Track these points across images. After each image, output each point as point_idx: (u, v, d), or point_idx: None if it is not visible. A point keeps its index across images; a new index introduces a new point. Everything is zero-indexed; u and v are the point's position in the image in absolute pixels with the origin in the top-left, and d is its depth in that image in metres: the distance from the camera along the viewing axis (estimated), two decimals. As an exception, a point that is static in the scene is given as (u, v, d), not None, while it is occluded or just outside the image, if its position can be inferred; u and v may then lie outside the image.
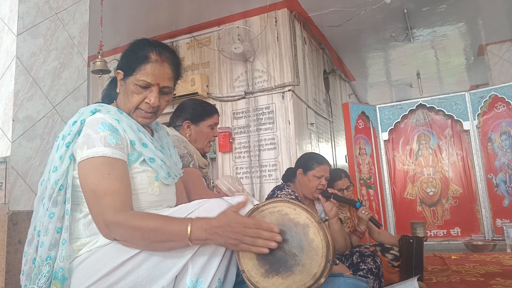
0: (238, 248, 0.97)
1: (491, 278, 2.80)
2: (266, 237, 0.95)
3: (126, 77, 1.18)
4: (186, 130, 1.88)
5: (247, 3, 4.38)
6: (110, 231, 1.01)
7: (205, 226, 0.95)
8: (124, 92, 1.19)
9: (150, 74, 1.14)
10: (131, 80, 1.15)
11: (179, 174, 1.31)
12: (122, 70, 1.19)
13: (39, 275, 1.03)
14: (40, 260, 1.04)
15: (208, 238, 0.95)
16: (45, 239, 1.05)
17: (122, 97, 1.20)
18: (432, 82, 7.94)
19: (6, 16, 1.78)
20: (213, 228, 0.95)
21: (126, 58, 1.19)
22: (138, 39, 1.22)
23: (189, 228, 0.95)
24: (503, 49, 5.98)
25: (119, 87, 1.20)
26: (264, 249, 0.95)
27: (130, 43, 1.22)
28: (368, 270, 2.04)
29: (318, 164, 2.20)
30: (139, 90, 1.15)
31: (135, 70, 1.15)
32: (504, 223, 4.47)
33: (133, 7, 4.34)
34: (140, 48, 1.17)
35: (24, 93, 1.71)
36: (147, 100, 1.16)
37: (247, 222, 0.96)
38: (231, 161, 4.48)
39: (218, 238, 0.95)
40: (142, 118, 1.19)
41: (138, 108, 1.17)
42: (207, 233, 0.94)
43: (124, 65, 1.19)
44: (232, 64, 4.61)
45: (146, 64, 1.14)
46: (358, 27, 5.13)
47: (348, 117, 5.27)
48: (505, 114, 4.78)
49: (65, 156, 1.09)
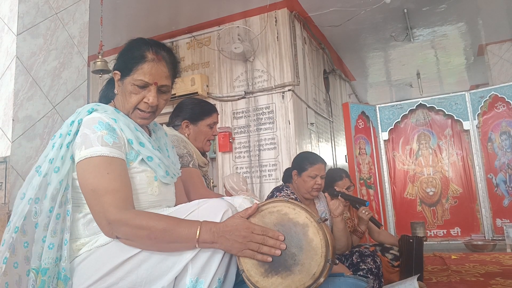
0: (242, 254, 0.97)
1: (491, 278, 2.80)
2: (271, 245, 0.96)
3: (123, 77, 1.17)
4: (185, 129, 1.88)
5: (247, 3, 4.38)
6: (113, 229, 1.01)
7: (213, 229, 0.95)
8: (122, 92, 1.19)
9: (147, 74, 1.13)
10: (129, 80, 1.15)
11: (177, 174, 1.31)
12: (119, 71, 1.18)
13: (52, 277, 1.02)
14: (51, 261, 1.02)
15: (215, 241, 0.95)
16: (53, 240, 1.03)
17: (120, 97, 1.20)
18: (432, 82, 7.94)
19: (6, 16, 1.78)
20: (220, 231, 0.95)
21: (123, 58, 1.18)
22: (134, 39, 1.21)
23: (198, 231, 0.95)
24: (503, 49, 5.98)
25: (117, 87, 1.20)
26: (268, 257, 0.96)
27: (126, 43, 1.21)
28: (368, 270, 2.04)
29: (311, 164, 2.18)
30: (137, 90, 1.15)
31: (132, 70, 1.14)
32: (504, 223, 4.47)
33: (133, 7, 4.34)
34: (136, 48, 1.16)
35: (24, 93, 1.71)
36: (145, 99, 1.15)
37: (254, 228, 0.97)
38: (231, 161, 4.48)
39: (224, 242, 0.95)
40: (141, 119, 1.19)
41: (136, 109, 1.17)
42: (214, 236, 0.95)
43: (121, 65, 1.18)
44: (232, 64, 4.61)
45: (143, 63, 1.13)
46: (358, 27, 5.13)
47: (348, 117, 5.26)
48: (505, 114, 4.78)
49: (66, 157, 1.09)
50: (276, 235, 0.97)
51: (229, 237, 0.95)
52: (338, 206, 2.09)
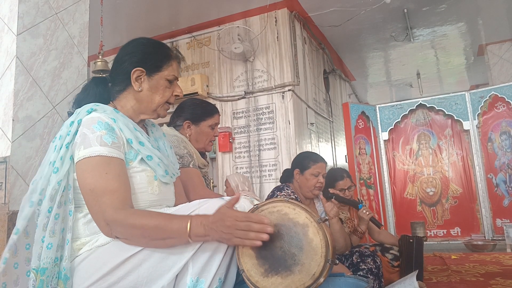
0: (232, 243, 0.97)
1: (491, 278, 2.80)
2: (257, 229, 0.95)
3: (151, 74, 1.22)
4: (187, 130, 1.88)
5: (247, 3, 4.38)
6: (111, 229, 1.02)
7: (204, 222, 0.96)
8: (150, 88, 1.22)
9: (175, 70, 1.26)
10: (160, 76, 1.23)
11: (176, 174, 1.32)
12: (144, 68, 1.21)
13: (51, 277, 1.02)
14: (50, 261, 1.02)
15: (207, 234, 0.96)
16: (52, 240, 1.03)
17: (146, 93, 1.22)
18: (432, 82, 7.94)
19: (6, 16, 1.78)
20: (209, 223, 0.96)
21: (148, 56, 1.23)
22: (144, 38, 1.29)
23: (188, 225, 0.96)
24: (503, 49, 5.98)
25: (138, 85, 1.21)
26: (257, 241, 0.94)
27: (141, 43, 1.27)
28: (368, 270, 2.04)
29: (314, 162, 2.21)
30: (169, 85, 1.25)
31: (162, 67, 1.23)
32: (504, 223, 4.47)
33: (133, 7, 4.34)
34: (159, 47, 1.26)
35: (24, 93, 1.71)
36: (175, 92, 1.27)
37: (238, 216, 0.96)
38: (231, 161, 4.48)
39: (214, 234, 0.95)
40: (166, 111, 1.29)
41: (166, 102, 1.26)
42: (205, 229, 0.95)
43: (146, 63, 1.22)
44: (232, 64, 4.61)
45: (172, 60, 1.25)
46: (358, 27, 5.13)
47: (348, 117, 5.26)
48: (505, 114, 4.78)
49: (66, 157, 1.09)
50: (260, 219, 0.96)
51: (216, 228, 0.95)
52: (332, 208, 2.10)
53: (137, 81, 1.21)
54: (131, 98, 1.23)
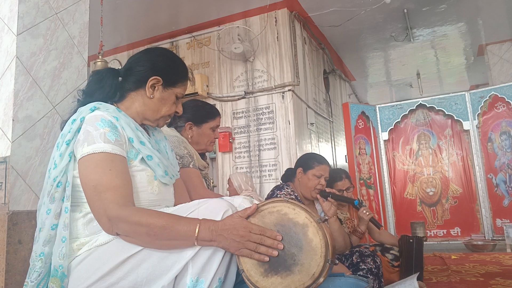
0: (240, 253, 0.98)
1: (491, 278, 2.80)
2: (269, 245, 0.96)
3: (166, 87, 1.25)
4: (188, 131, 1.88)
5: (247, 3, 4.38)
6: (113, 226, 1.02)
7: (212, 227, 0.96)
8: (161, 99, 1.25)
9: (185, 89, 1.31)
10: (173, 91, 1.27)
11: (176, 175, 1.32)
12: (161, 78, 1.23)
13: (32, 270, 1.05)
14: (34, 256, 1.06)
15: (213, 239, 0.95)
16: (41, 235, 1.06)
17: (155, 102, 1.24)
18: (432, 82, 7.94)
19: (6, 16, 1.78)
20: (219, 230, 0.95)
21: (170, 70, 1.27)
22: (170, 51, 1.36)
23: (197, 228, 0.95)
24: (503, 49, 5.98)
25: (151, 92, 1.23)
26: (265, 257, 0.96)
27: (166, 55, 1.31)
28: (368, 270, 2.04)
29: (319, 163, 2.21)
30: (175, 101, 1.29)
31: (177, 83, 1.27)
32: (504, 223, 4.47)
33: (133, 7, 4.34)
34: (180, 64, 1.31)
35: (24, 93, 1.71)
36: (177, 109, 1.31)
37: (252, 227, 0.97)
38: (231, 161, 4.48)
39: (223, 241, 0.95)
40: (165, 122, 1.34)
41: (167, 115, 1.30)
42: (212, 234, 0.95)
43: (165, 75, 1.24)
44: (232, 64, 4.61)
45: (186, 80, 1.31)
46: (358, 27, 5.13)
47: (348, 117, 5.27)
48: (505, 114, 4.78)
49: (65, 154, 1.10)
50: (274, 235, 0.98)
51: (227, 235, 0.95)
52: (330, 207, 2.10)
53: (151, 88, 1.23)
54: (139, 101, 1.24)
